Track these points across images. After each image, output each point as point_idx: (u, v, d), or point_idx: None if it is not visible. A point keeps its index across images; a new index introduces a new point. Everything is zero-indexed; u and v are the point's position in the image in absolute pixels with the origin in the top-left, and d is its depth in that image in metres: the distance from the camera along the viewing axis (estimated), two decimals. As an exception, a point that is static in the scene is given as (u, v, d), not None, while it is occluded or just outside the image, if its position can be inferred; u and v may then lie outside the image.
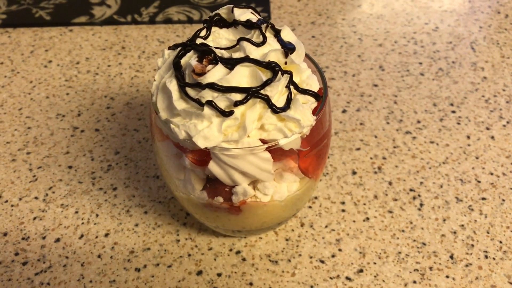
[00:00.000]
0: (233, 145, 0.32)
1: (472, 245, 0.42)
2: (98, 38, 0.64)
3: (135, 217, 0.45)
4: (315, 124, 0.34)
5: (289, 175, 0.36)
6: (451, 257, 0.41)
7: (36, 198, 0.46)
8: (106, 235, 0.43)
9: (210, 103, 0.31)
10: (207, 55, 0.33)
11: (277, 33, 0.34)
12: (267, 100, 0.32)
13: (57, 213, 0.45)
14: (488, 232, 0.43)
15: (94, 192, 0.47)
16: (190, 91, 0.32)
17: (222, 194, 0.36)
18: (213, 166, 0.33)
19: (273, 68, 0.32)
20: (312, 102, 0.34)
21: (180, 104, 0.32)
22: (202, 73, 0.32)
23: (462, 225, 0.44)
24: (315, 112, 0.34)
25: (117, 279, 0.40)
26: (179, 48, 0.35)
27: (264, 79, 0.32)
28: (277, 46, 0.34)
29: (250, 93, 0.31)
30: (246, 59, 0.32)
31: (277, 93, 0.32)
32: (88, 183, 0.47)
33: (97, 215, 0.45)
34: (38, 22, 0.66)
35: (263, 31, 0.34)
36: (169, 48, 0.37)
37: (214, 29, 0.36)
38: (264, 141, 0.33)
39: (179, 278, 0.40)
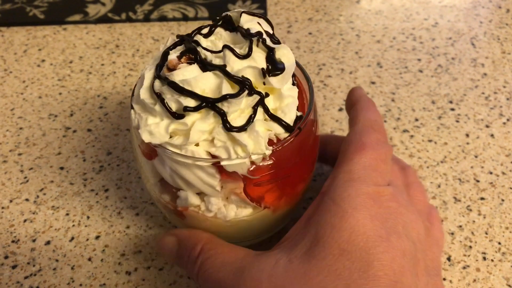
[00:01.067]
0: (177, 150, 0.31)
1: (470, 247, 0.41)
2: (92, 36, 0.64)
3: (126, 219, 0.44)
4: (277, 155, 0.32)
5: (236, 198, 0.34)
6: (449, 259, 0.40)
7: (27, 200, 0.46)
8: (97, 237, 0.43)
9: (162, 101, 0.30)
10: (190, 53, 0.32)
11: (270, 50, 0.32)
12: (221, 115, 0.30)
13: (48, 215, 0.44)
14: (486, 233, 0.42)
15: (86, 193, 0.46)
16: (157, 84, 0.31)
17: (169, 194, 0.35)
18: (157, 164, 0.33)
19: (242, 84, 0.30)
20: (281, 133, 0.32)
21: (144, 93, 0.32)
22: (173, 69, 0.31)
23: (460, 226, 0.43)
24: (290, 144, 0.32)
25: (107, 282, 0.40)
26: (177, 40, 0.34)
27: (225, 92, 0.30)
28: (262, 63, 0.31)
29: (204, 104, 0.30)
30: (219, 67, 0.30)
31: (237, 111, 0.30)
32: (79, 184, 0.47)
33: (88, 217, 0.44)
34: (31, 21, 0.66)
35: (253, 44, 0.31)
36: (177, 36, 0.35)
37: (218, 29, 0.34)
38: (212, 156, 0.31)
39: (170, 281, 0.40)
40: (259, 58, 0.31)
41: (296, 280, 0.29)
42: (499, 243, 0.41)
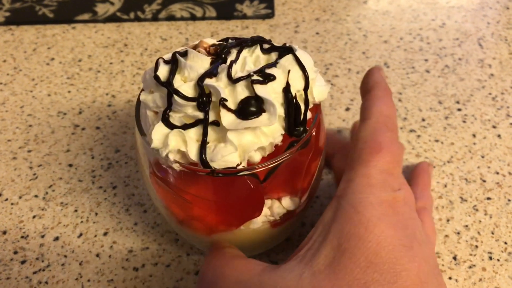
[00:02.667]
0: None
1: (476, 246, 0.41)
2: (101, 35, 0.64)
3: (134, 216, 0.44)
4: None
5: None
6: (455, 258, 0.40)
7: (36, 196, 0.46)
8: (105, 234, 0.43)
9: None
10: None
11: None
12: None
13: (57, 211, 0.45)
14: (492, 233, 0.42)
15: (94, 190, 0.46)
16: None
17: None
18: None
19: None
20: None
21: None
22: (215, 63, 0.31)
23: (466, 226, 0.43)
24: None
25: (115, 278, 0.40)
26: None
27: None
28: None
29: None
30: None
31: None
32: (88, 181, 0.47)
33: (96, 214, 0.45)
34: (41, 20, 0.66)
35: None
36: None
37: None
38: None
39: (178, 278, 0.40)
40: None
41: None
42: (505, 243, 0.41)
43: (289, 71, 0.30)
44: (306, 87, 0.30)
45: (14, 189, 0.47)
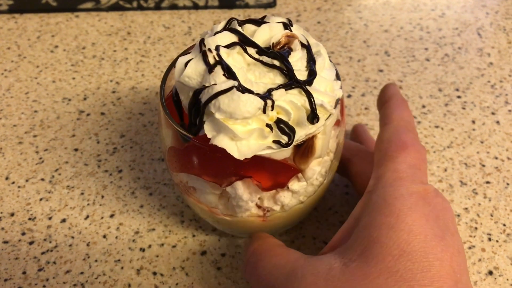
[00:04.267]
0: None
1: (476, 228, 0.42)
2: (104, 23, 0.65)
3: (140, 198, 0.45)
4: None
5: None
6: (455, 239, 0.41)
7: (42, 179, 0.47)
8: (112, 216, 0.44)
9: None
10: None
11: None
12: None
13: (63, 194, 0.46)
14: (492, 215, 0.43)
15: (100, 174, 0.47)
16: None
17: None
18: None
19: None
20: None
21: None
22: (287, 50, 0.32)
23: (466, 208, 0.44)
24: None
25: (122, 258, 0.41)
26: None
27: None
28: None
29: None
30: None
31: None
32: (93, 165, 0.48)
33: (102, 197, 0.45)
34: (44, 8, 0.67)
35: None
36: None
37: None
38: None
39: (183, 258, 0.41)
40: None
41: (355, 283, 0.28)
42: (504, 225, 0.42)
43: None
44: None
45: (20, 172, 0.47)
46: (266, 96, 0.30)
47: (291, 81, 0.30)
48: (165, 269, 0.40)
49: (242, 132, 0.30)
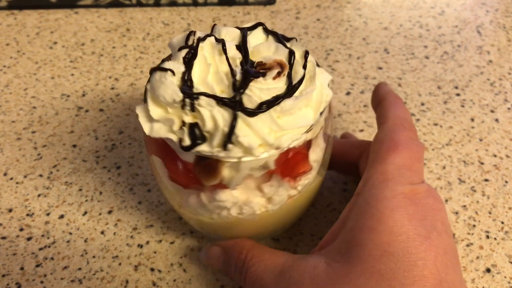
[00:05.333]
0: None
1: (474, 226, 0.42)
2: (103, 20, 0.65)
3: (138, 195, 0.45)
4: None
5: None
6: (453, 236, 0.41)
7: (40, 175, 0.47)
8: (110, 212, 0.44)
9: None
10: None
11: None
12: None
13: (61, 190, 0.46)
14: (490, 213, 0.43)
15: (98, 170, 0.47)
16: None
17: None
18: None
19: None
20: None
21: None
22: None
23: (464, 206, 0.44)
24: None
25: (120, 254, 0.41)
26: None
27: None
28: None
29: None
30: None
31: None
32: (92, 161, 0.48)
33: (100, 193, 0.45)
34: (43, 4, 0.67)
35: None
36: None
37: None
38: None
39: (181, 254, 0.41)
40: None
41: (338, 281, 0.29)
42: (502, 223, 0.42)
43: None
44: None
45: (19, 168, 0.47)
46: (192, 95, 0.29)
47: (228, 99, 0.29)
48: (163, 265, 0.40)
49: (153, 112, 0.30)
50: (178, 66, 0.31)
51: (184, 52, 0.31)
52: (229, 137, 0.29)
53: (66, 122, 0.51)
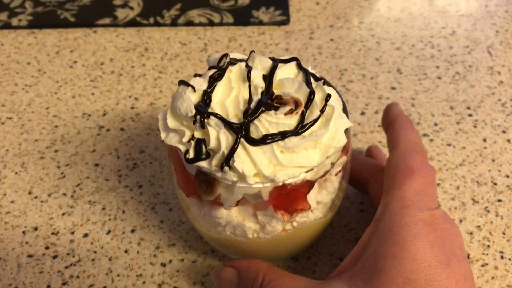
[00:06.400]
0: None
1: (488, 246, 0.43)
2: (121, 39, 0.66)
3: (160, 214, 0.46)
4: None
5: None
6: (468, 257, 0.42)
7: (64, 194, 0.48)
8: (133, 231, 0.45)
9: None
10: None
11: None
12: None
13: (85, 209, 0.47)
14: (504, 233, 0.44)
15: (120, 189, 0.48)
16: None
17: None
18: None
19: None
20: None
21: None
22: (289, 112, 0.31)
23: (478, 226, 0.45)
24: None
25: (143, 273, 0.42)
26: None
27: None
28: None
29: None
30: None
31: None
32: (114, 180, 0.49)
33: (123, 212, 0.46)
34: (63, 24, 0.68)
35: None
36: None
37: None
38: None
39: (203, 273, 0.42)
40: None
41: None
42: (516, 243, 0.43)
43: None
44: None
45: (43, 187, 0.49)
46: (204, 114, 0.31)
47: (235, 124, 0.31)
48: (186, 284, 0.41)
49: (170, 121, 0.32)
50: (201, 83, 0.33)
51: (212, 71, 0.33)
52: (227, 160, 0.30)
53: (88, 141, 0.53)
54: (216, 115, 0.31)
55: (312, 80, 0.33)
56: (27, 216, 0.46)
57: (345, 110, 0.34)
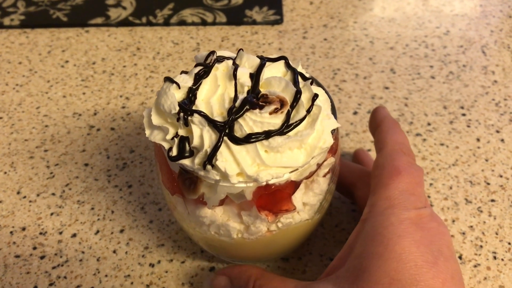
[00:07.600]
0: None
1: (481, 246, 0.43)
2: (113, 39, 0.66)
3: (149, 214, 0.46)
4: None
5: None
6: (460, 257, 0.42)
7: (53, 194, 0.48)
8: (121, 231, 0.44)
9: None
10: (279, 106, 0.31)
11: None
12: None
13: (74, 209, 0.46)
14: (497, 234, 0.44)
15: (110, 189, 0.48)
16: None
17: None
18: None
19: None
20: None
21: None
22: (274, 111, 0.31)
23: (471, 226, 0.44)
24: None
25: (131, 274, 0.41)
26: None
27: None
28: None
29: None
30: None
31: None
32: (103, 180, 0.49)
33: (112, 212, 0.46)
34: (55, 23, 0.68)
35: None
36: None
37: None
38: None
39: (192, 274, 0.41)
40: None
41: None
42: (509, 243, 0.43)
43: None
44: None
45: (32, 187, 0.48)
46: (188, 111, 0.30)
47: (219, 122, 0.30)
48: (174, 284, 0.41)
49: (155, 118, 0.32)
50: (187, 81, 0.32)
51: (198, 69, 0.32)
52: (209, 159, 0.30)
53: (78, 141, 0.52)
54: (199, 112, 0.30)
55: (300, 80, 0.33)
56: (15, 216, 0.46)
57: (333, 111, 0.34)
